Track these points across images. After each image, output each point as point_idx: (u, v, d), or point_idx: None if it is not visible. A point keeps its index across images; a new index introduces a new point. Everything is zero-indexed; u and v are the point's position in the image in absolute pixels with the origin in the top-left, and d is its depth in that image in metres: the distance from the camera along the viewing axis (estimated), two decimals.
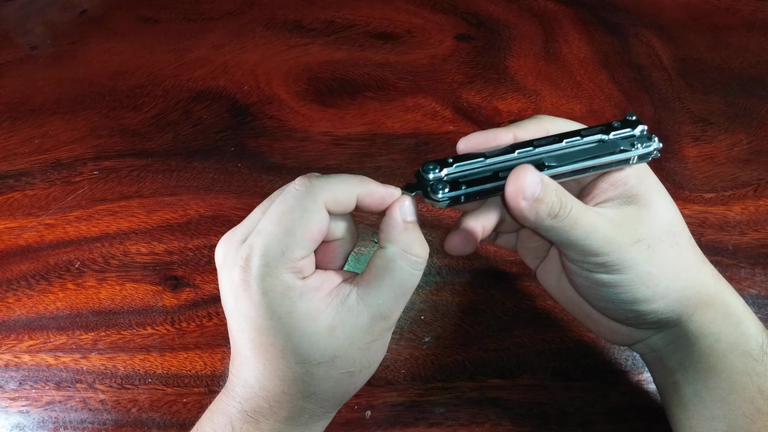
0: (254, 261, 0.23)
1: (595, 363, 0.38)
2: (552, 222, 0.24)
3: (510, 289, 0.40)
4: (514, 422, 0.36)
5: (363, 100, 0.49)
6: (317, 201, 0.24)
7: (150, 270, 0.41)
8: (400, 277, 0.25)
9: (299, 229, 0.23)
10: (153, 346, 0.38)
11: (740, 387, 0.26)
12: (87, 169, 0.46)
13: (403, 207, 0.25)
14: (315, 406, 0.26)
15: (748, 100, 0.49)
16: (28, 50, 0.54)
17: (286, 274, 0.23)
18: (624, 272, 0.26)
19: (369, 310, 0.24)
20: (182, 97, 0.50)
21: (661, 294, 0.26)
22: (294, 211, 0.23)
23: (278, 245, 0.23)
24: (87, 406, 0.37)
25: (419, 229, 0.26)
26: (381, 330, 0.25)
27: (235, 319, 0.25)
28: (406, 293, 0.25)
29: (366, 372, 0.26)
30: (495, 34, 0.53)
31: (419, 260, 0.25)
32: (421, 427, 0.36)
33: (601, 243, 0.25)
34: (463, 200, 0.26)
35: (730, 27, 0.54)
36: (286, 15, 0.55)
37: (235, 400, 0.26)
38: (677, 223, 0.27)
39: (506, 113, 0.48)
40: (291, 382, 0.24)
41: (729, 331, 0.27)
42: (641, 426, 0.35)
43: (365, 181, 0.25)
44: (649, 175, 0.28)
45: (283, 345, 0.24)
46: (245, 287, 0.23)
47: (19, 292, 0.41)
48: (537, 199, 0.24)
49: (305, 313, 0.24)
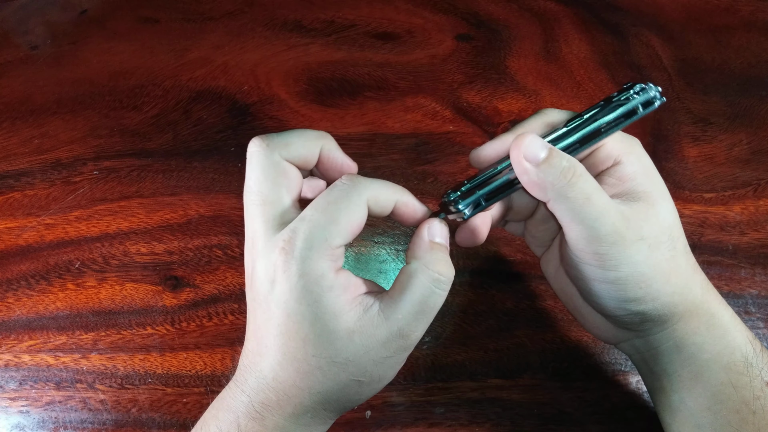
0: (297, 244, 0.24)
1: (595, 363, 0.38)
2: (564, 190, 0.24)
3: (510, 289, 0.40)
4: (514, 422, 0.36)
5: (363, 100, 0.49)
6: (362, 196, 0.25)
7: (150, 270, 0.41)
8: (421, 293, 0.25)
9: (344, 219, 0.24)
10: (153, 346, 0.38)
11: (725, 397, 0.26)
12: (87, 169, 0.46)
13: (432, 227, 0.27)
14: (319, 406, 0.26)
15: (748, 100, 0.49)
16: (28, 50, 0.54)
17: (325, 261, 0.24)
18: (620, 269, 0.26)
19: (388, 324, 0.24)
20: (182, 97, 0.50)
21: (652, 296, 0.26)
22: (340, 202, 0.24)
23: (322, 232, 0.24)
24: (87, 406, 0.37)
25: (447, 252, 0.26)
26: (398, 348, 0.25)
27: (266, 305, 0.25)
28: (427, 312, 0.25)
29: (374, 386, 0.26)
30: (495, 34, 0.53)
31: (442, 279, 0.25)
32: (421, 427, 0.36)
33: (609, 230, 0.25)
34: (485, 203, 0.26)
35: (730, 27, 0.54)
36: (286, 15, 0.55)
37: (245, 393, 0.26)
38: (677, 227, 0.27)
39: (506, 113, 0.48)
40: (304, 375, 0.24)
41: (713, 342, 0.27)
42: (641, 426, 0.35)
43: (406, 192, 0.27)
44: (656, 174, 0.28)
45: (306, 333, 0.24)
46: (285, 269, 0.24)
47: (19, 292, 0.41)
48: (545, 161, 0.24)
49: (330, 307, 0.24)
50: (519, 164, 0.25)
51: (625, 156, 0.27)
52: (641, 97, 0.26)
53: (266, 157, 0.26)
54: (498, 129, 0.48)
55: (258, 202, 0.26)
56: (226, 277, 0.41)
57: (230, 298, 0.40)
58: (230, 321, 0.39)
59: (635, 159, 0.27)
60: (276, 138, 0.26)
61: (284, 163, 0.26)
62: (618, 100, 0.26)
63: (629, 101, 0.26)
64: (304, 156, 0.27)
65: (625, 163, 0.27)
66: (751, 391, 0.26)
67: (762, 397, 0.26)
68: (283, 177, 0.26)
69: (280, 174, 0.26)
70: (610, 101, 0.26)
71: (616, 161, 0.27)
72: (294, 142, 0.26)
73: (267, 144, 0.26)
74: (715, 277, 0.40)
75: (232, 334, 0.39)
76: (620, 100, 0.26)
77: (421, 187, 0.45)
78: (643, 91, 0.26)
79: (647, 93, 0.26)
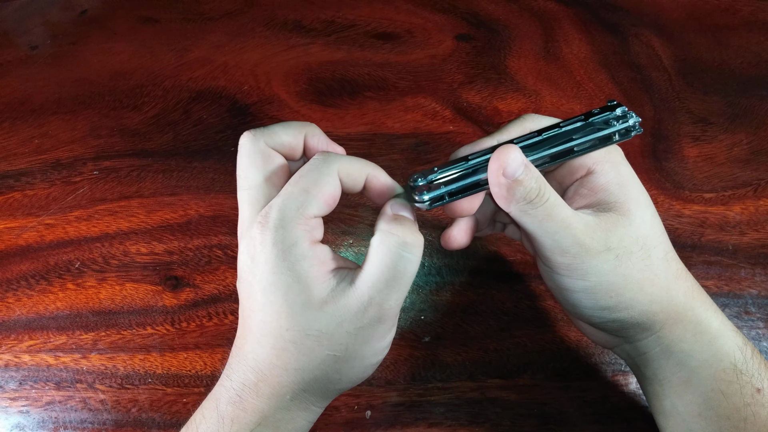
0: (272, 214, 0.25)
1: (595, 363, 0.38)
2: (525, 208, 0.25)
3: (510, 289, 0.40)
4: (514, 422, 0.36)
5: (363, 100, 0.49)
6: (332, 167, 0.26)
7: (150, 270, 0.41)
8: (389, 258, 0.24)
9: (313, 189, 0.25)
10: (153, 346, 0.38)
11: (715, 404, 0.26)
12: (87, 169, 0.46)
13: (395, 204, 0.27)
14: (297, 387, 0.26)
15: (748, 100, 0.49)
16: (28, 50, 0.54)
17: (298, 230, 0.24)
18: (587, 279, 0.26)
19: (358, 293, 0.25)
20: (182, 97, 0.50)
21: (626, 305, 0.26)
22: (312, 173, 0.25)
23: (294, 202, 0.25)
24: (87, 406, 0.37)
25: (413, 223, 0.26)
26: (372, 318, 0.25)
27: (248, 283, 0.25)
28: (398, 278, 0.25)
29: (353, 365, 0.26)
30: (495, 34, 0.53)
31: (408, 241, 0.25)
32: (421, 427, 0.36)
33: (569, 243, 0.25)
34: (447, 199, 0.27)
35: (730, 27, 0.54)
36: (286, 15, 0.55)
37: (229, 378, 0.26)
38: (653, 237, 0.27)
39: (506, 113, 0.48)
40: (279, 352, 0.25)
41: (701, 349, 0.27)
42: (641, 426, 0.35)
43: (376, 167, 0.27)
44: (634, 184, 0.27)
45: (279, 305, 0.24)
46: (262, 240, 0.25)
47: (19, 292, 0.41)
48: (516, 180, 0.24)
49: (302, 276, 0.24)
50: (495, 176, 0.25)
51: (599, 165, 0.27)
52: (619, 126, 0.26)
53: (252, 145, 0.27)
54: None
55: (245, 187, 0.27)
56: (226, 277, 0.41)
57: (230, 298, 0.40)
58: (230, 321, 0.39)
59: (610, 168, 0.27)
60: (262, 128, 0.28)
61: (269, 150, 0.27)
62: (599, 122, 0.26)
63: (607, 127, 0.26)
64: (288, 142, 0.28)
65: (598, 173, 0.27)
66: (742, 398, 0.26)
67: (753, 404, 0.26)
68: (268, 163, 0.27)
69: (265, 160, 0.27)
70: (590, 122, 0.26)
71: (589, 171, 0.27)
72: (278, 131, 0.28)
73: (254, 134, 0.27)
74: (715, 277, 0.40)
75: (232, 334, 0.39)
76: (600, 124, 0.26)
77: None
78: (623, 119, 0.26)
79: (626, 122, 0.26)
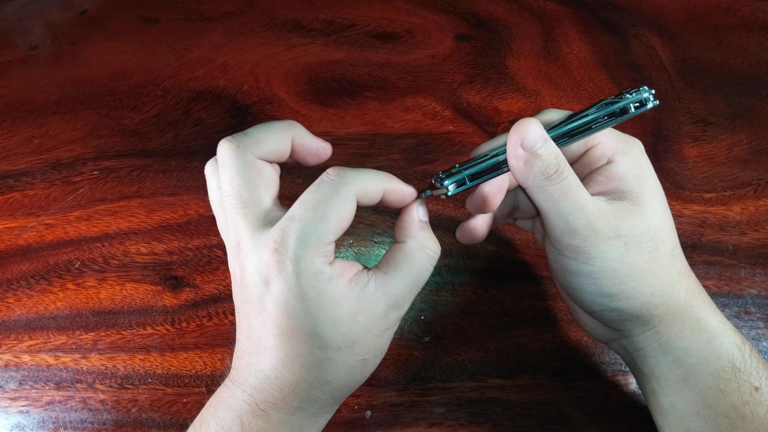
0: (290, 243, 0.24)
1: (595, 363, 0.38)
2: (543, 183, 0.25)
3: (510, 289, 0.40)
4: (514, 422, 0.36)
5: (363, 100, 0.49)
6: (350, 191, 0.25)
7: (150, 270, 0.41)
8: (416, 269, 0.26)
9: (334, 216, 0.24)
10: (153, 346, 0.38)
11: (714, 402, 0.27)
12: (87, 169, 0.46)
13: (421, 207, 0.28)
14: (326, 395, 0.26)
15: (748, 100, 0.49)
16: (28, 50, 0.54)
17: (318, 258, 0.24)
18: (592, 263, 0.26)
19: (386, 299, 0.25)
20: (182, 97, 0.50)
21: (627, 294, 0.26)
22: (330, 199, 0.24)
23: (315, 230, 0.24)
24: (87, 406, 0.37)
25: (431, 228, 0.28)
26: (394, 319, 0.26)
27: (261, 306, 0.25)
28: (419, 285, 0.27)
29: (375, 361, 0.27)
30: (495, 34, 0.53)
31: (434, 255, 0.27)
32: (421, 427, 0.36)
33: (581, 225, 0.25)
34: (469, 182, 0.27)
35: (730, 27, 0.54)
36: (286, 15, 0.55)
37: (246, 393, 0.26)
38: (664, 230, 0.27)
39: (506, 113, 0.48)
40: (310, 368, 0.25)
41: (699, 347, 0.27)
42: (641, 426, 0.35)
43: (392, 178, 0.27)
44: (650, 177, 0.28)
45: (310, 328, 0.24)
46: (281, 269, 0.24)
47: (19, 292, 0.41)
48: (534, 153, 0.25)
49: (332, 296, 0.24)
50: (513, 148, 0.25)
51: (618, 156, 0.28)
52: (633, 97, 0.26)
53: (239, 158, 0.26)
54: (498, 129, 0.48)
55: (238, 206, 0.25)
56: (226, 277, 0.41)
57: (230, 298, 0.40)
58: (230, 321, 0.39)
59: (629, 159, 0.28)
60: (246, 137, 0.26)
61: (258, 161, 0.26)
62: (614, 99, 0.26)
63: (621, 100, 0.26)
64: (277, 150, 0.27)
65: (618, 162, 0.28)
66: (740, 396, 0.26)
67: (751, 402, 0.26)
68: (260, 176, 0.26)
69: (256, 173, 0.26)
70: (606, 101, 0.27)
71: (609, 160, 0.28)
72: (265, 138, 0.26)
73: (237, 144, 0.26)
74: (715, 277, 0.40)
75: (232, 334, 0.39)
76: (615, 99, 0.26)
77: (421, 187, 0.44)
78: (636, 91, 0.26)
79: (640, 94, 0.26)
